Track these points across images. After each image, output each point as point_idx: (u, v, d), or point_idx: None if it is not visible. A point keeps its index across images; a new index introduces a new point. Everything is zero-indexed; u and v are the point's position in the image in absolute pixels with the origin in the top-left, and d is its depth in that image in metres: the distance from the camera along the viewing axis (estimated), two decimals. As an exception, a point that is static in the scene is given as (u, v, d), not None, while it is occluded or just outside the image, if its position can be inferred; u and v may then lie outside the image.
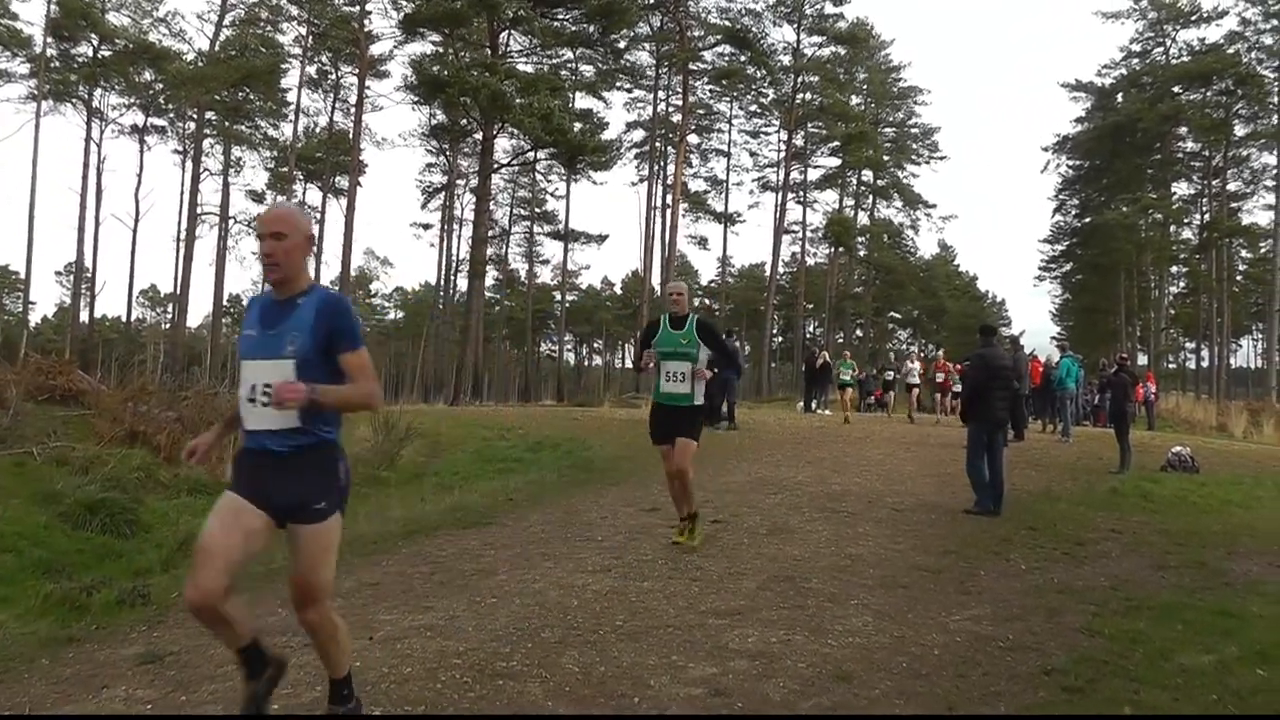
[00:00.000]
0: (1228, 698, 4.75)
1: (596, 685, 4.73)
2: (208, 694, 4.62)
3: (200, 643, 5.38)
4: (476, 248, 45.37)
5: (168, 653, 5.27)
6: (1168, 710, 4.62)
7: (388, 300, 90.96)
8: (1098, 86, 59.63)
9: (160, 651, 5.30)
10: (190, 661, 5.12)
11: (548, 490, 12.13)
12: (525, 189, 61.19)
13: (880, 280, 66.68)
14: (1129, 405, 15.53)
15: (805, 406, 28.11)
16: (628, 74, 52.80)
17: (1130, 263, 58.51)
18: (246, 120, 53.62)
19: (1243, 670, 5.26)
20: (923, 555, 8.24)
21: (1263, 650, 5.60)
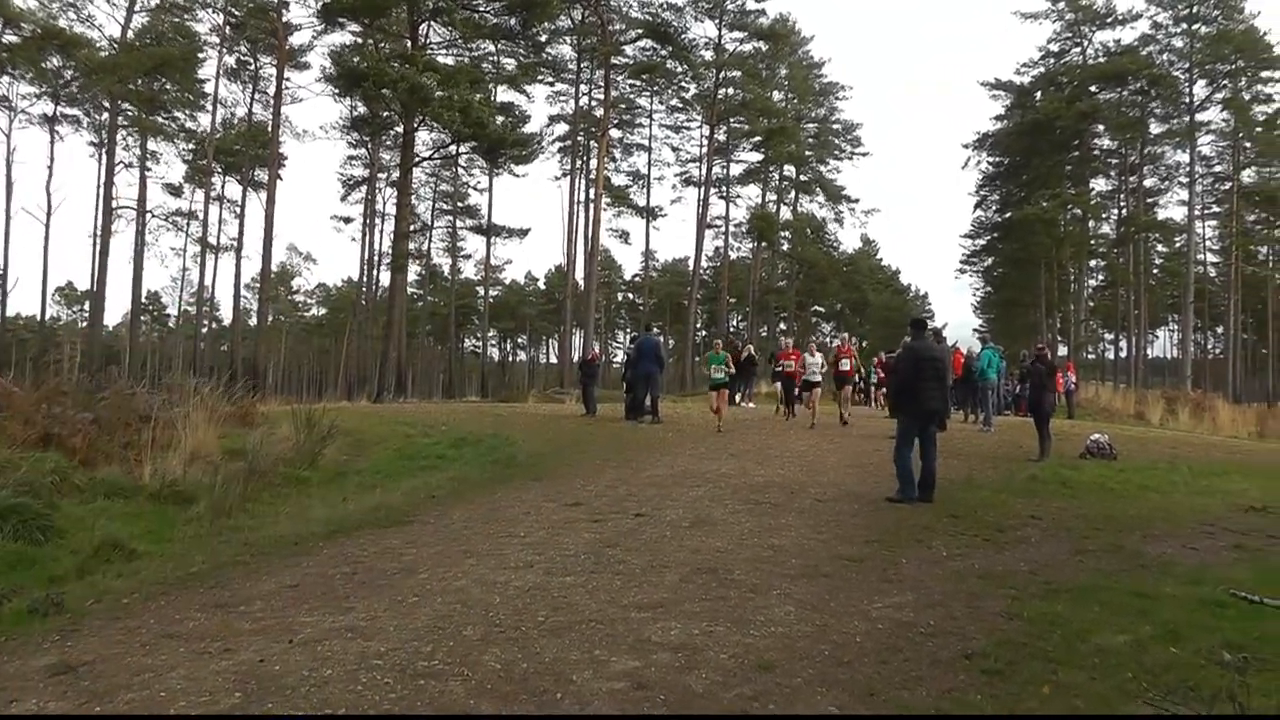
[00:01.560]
0: (1142, 675, 4.81)
1: (519, 682, 4.67)
2: (124, 704, 4.48)
3: (116, 651, 5.27)
4: (398, 242, 44.83)
5: (81, 662, 5.12)
6: (1085, 689, 4.66)
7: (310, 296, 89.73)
8: (1017, 85, 60.83)
9: (74, 661, 5.15)
10: (105, 671, 4.96)
11: (470, 487, 12.00)
12: (447, 182, 60.78)
13: (803, 274, 67.34)
14: (1047, 395, 15.75)
15: (731, 399, 28.16)
16: (549, 68, 52.58)
17: (1050, 257, 59.77)
18: (163, 111, 52.29)
19: (1156, 648, 5.34)
20: (845, 545, 8.26)
21: (1175, 629, 5.71)
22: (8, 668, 5.13)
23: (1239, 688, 3.95)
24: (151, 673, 4.87)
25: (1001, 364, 22.35)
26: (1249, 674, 4.22)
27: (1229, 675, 4.20)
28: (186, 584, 7.09)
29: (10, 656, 5.34)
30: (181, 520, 10.23)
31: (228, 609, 6.20)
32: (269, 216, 47.37)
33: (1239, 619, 5.98)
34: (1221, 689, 4.04)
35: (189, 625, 5.82)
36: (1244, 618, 6.01)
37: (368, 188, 55.60)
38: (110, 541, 8.59)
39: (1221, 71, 53.59)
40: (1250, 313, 65.26)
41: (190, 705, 4.39)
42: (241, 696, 4.49)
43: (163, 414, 14.02)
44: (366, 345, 54.65)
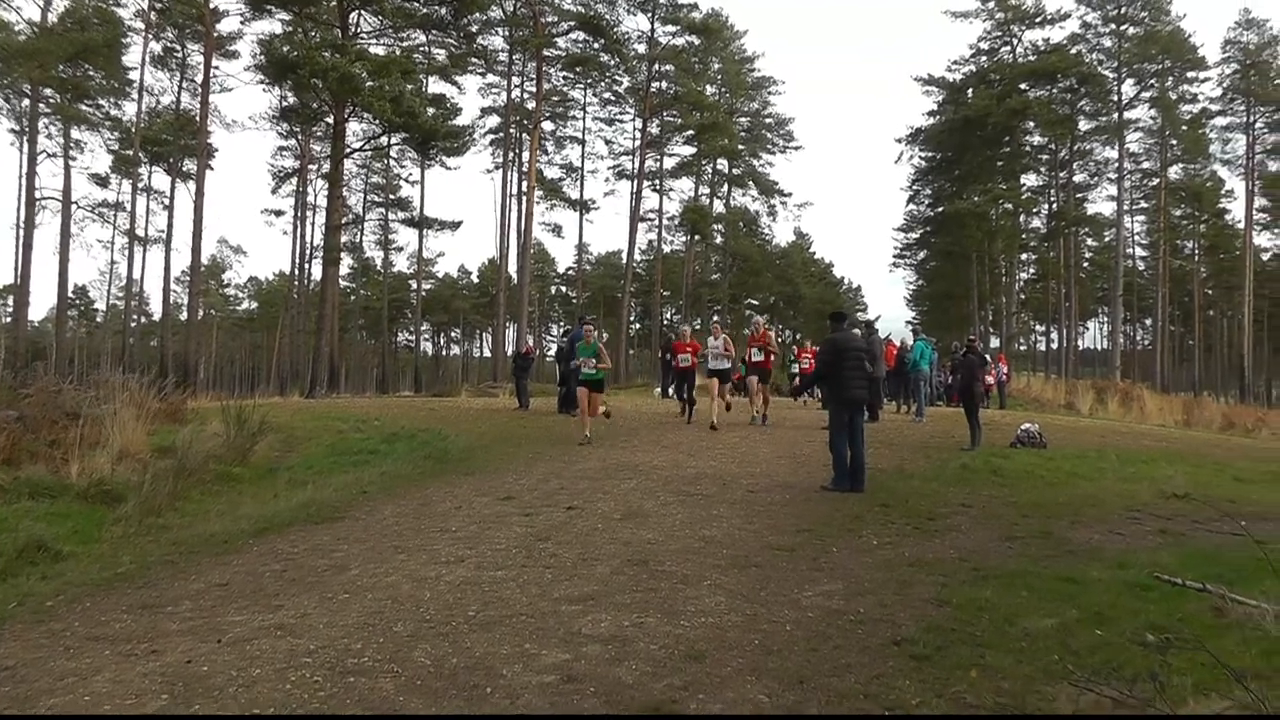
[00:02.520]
0: (1067, 657, 4.87)
1: (448, 677, 4.65)
2: (46, 708, 4.40)
3: (39, 655, 5.18)
4: (330, 235, 44.14)
5: (3, 667, 5.01)
6: (1012, 672, 4.68)
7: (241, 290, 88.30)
8: (949, 82, 61.51)
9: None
10: (28, 675, 4.86)
11: (402, 482, 11.91)
12: (379, 175, 60.08)
13: (737, 267, 67.59)
14: (977, 385, 15.93)
15: (663, 392, 28.19)
16: (481, 59, 52.02)
17: (982, 250, 60.67)
18: (87, 99, 50.85)
19: (1082, 631, 5.42)
20: (776, 535, 8.29)
21: (1101, 611, 5.79)
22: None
23: (1160, 667, 4.00)
24: (76, 676, 4.79)
25: (933, 355, 22.63)
26: (1169, 654, 4.28)
27: (1151, 656, 4.26)
28: (113, 585, 6.96)
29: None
30: (109, 520, 9.98)
31: (155, 609, 6.10)
32: (198, 208, 46.32)
33: (1162, 601, 6.09)
34: (1143, 669, 4.10)
35: (115, 627, 5.72)
36: (1167, 600, 6.11)
37: (299, 180, 54.81)
38: (35, 543, 8.38)
39: (1149, 71, 54.77)
40: (1177, 305, 66.76)
41: (116, 708, 4.31)
42: (169, 698, 4.43)
43: (90, 411, 13.72)
44: (299, 340, 53.94)
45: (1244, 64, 55.51)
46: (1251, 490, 12.54)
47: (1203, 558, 7.46)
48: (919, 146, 64.04)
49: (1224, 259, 63.51)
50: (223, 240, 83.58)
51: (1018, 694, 4.44)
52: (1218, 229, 62.89)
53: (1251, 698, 3.56)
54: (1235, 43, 56.41)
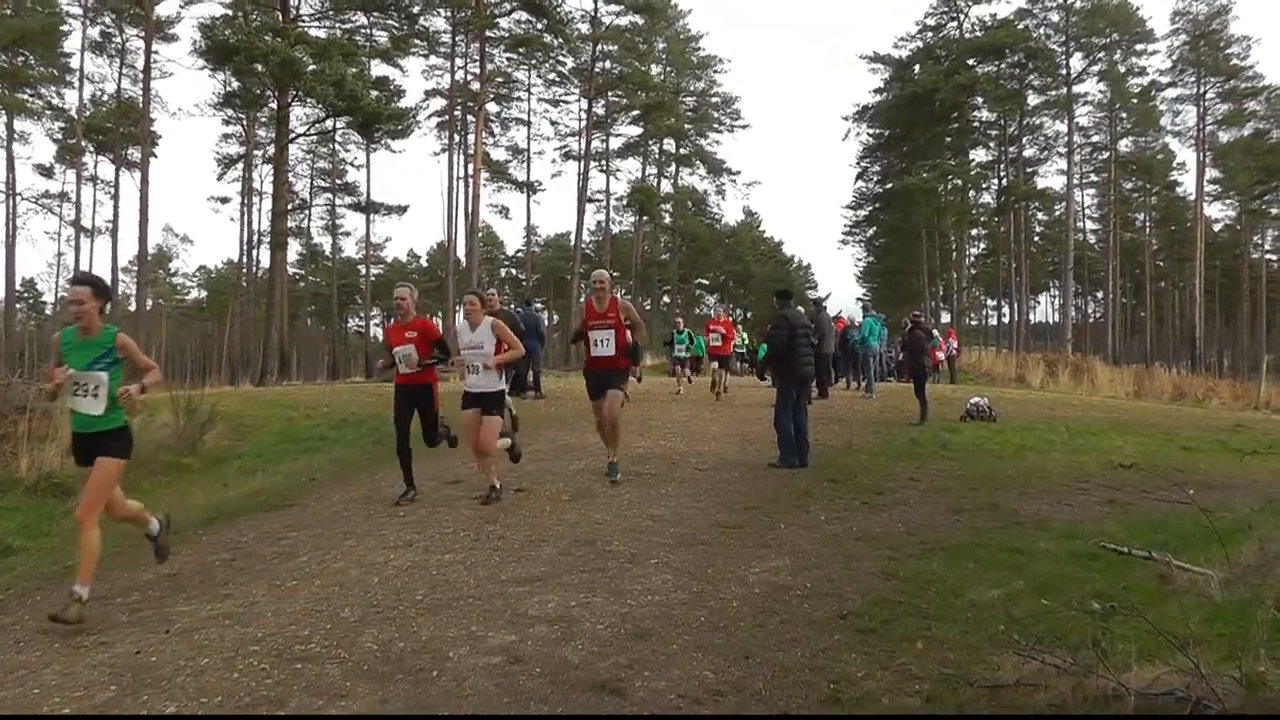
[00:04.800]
0: (1012, 627, 4.90)
1: (395, 662, 4.67)
2: None
3: None
4: (276, 221, 43.68)
5: None
6: (957, 643, 4.69)
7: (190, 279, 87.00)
8: (895, 59, 61.78)
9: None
10: None
11: (351, 468, 11.83)
12: (325, 159, 59.36)
13: (686, 247, 67.53)
14: (924, 360, 16.03)
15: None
16: (423, 40, 51.59)
17: (931, 226, 61.13)
18: (28, 87, 49.93)
19: (1027, 601, 5.48)
20: (724, 512, 8.32)
21: (1046, 581, 5.87)
22: None
23: (1103, 635, 4.02)
24: (25, 669, 4.78)
25: (883, 331, 22.72)
26: (1113, 621, 4.30)
27: (1095, 623, 4.27)
28: (63, 578, 6.84)
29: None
30: (60, 513, 10.00)
31: (105, 601, 6.07)
32: (143, 197, 45.66)
33: (1108, 570, 6.18)
34: (1088, 637, 4.11)
35: None
36: (1113, 568, 6.20)
37: (244, 166, 53.95)
38: (-8, 538, 8.29)
39: (1097, 44, 55.32)
40: (1129, 277, 67.57)
41: (64, 701, 4.30)
42: (117, 689, 4.42)
43: (39, 404, 13.49)
44: (249, 327, 53.23)
45: (1193, 35, 56.04)
46: (1199, 459, 12.75)
47: (1149, 526, 7.57)
48: (866, 124, 64.27)
49: (1175, 231, 64.23)
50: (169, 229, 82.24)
51: (963, 664, 4.48)
52: (1168, 201, 63.56)
53: (1191, 663, 3.57)
54: (1184, 14, 56.82)
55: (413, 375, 8.95)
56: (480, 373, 8.85)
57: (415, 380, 8.98)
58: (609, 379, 9.64)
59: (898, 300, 60.03)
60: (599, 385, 9.68)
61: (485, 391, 8.93)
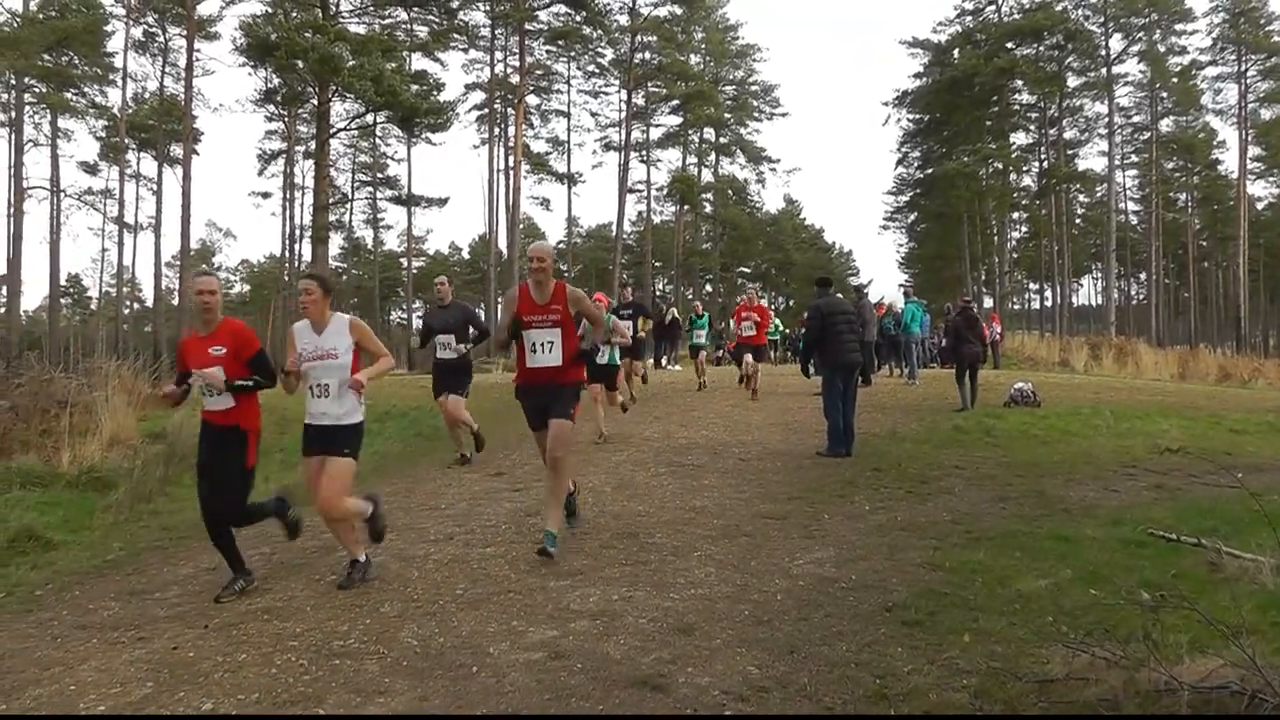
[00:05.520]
0: (1061, 618, 4.84)
1: (435, 657, 4.63)
2: (31, 699, 4.39)
3: (27, 645, 5.18)
4: (318, 215, 44.13)
5: None
6: (1005, 635, 4.63)
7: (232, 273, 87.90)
8: (934, 43, 61.13)
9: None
10: (14, 666, 4.85)
11: (392, 461, 11.87)
12: (365, 154, 59.69)
13: (727, 236, 67.25)
14: (966, 346, 15.85)
15: (655, 363, 28.11)
16: (463, 34, 51.71)
17: (972, 210, 60.48)
18: (72, 87, 50.63)
19: (1075, 591, 5.40)
20: (767, 503, 8.26)
21: (1094, 570, 5.77)
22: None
23: (1153, 626, 3.93)
24: (62, 666, 4.78)
25: (925, 318, 22.50)
26: (1163, 612, 4.21)
27: (1145, 614, 4.19)
28: (103, 572, 6.97)
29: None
30: (100, 507, 10.01)
31: (144, 596, 6.09)
32: (186, 193, 46.18)
33: (1157, 557, 6.07)
34: (1138, 628, 4.03)
35: (103, 614, 5.71)
36: (1161, 556, 6.10)
37: (285, 161, 54.42)
38: (26, 532, 8.42)
39: (1136, 25, 54.36)
40: (1171, 258, 66.52)
41: (101, 698, 4.29)
42: (154, 686, 4.41)
43: (82, 399, 13.65)
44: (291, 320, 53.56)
45: (1233, 12, 54.93)
46: (1247, 442, 12.53)
47: (1198, 512, 7.43)
48: (906, 109, 63.65)
49: (1218, 210, 63.04)
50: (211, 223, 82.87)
51: (1011, 657, 4.42)
52: (1211, 180, 62.37)
53: (1246, 655, 3.49)
54: (1223, -9, 55.79)
55: (220, 412, 6.13)
56: (331, 396, 6.07)
57: (221, 421, 6.14)
58: (554, 400, 6.67)
59: (939, 286, 59.49)
60: (538, 409, 6.82)
61: (336, 425, 6.07)
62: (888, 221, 70.16)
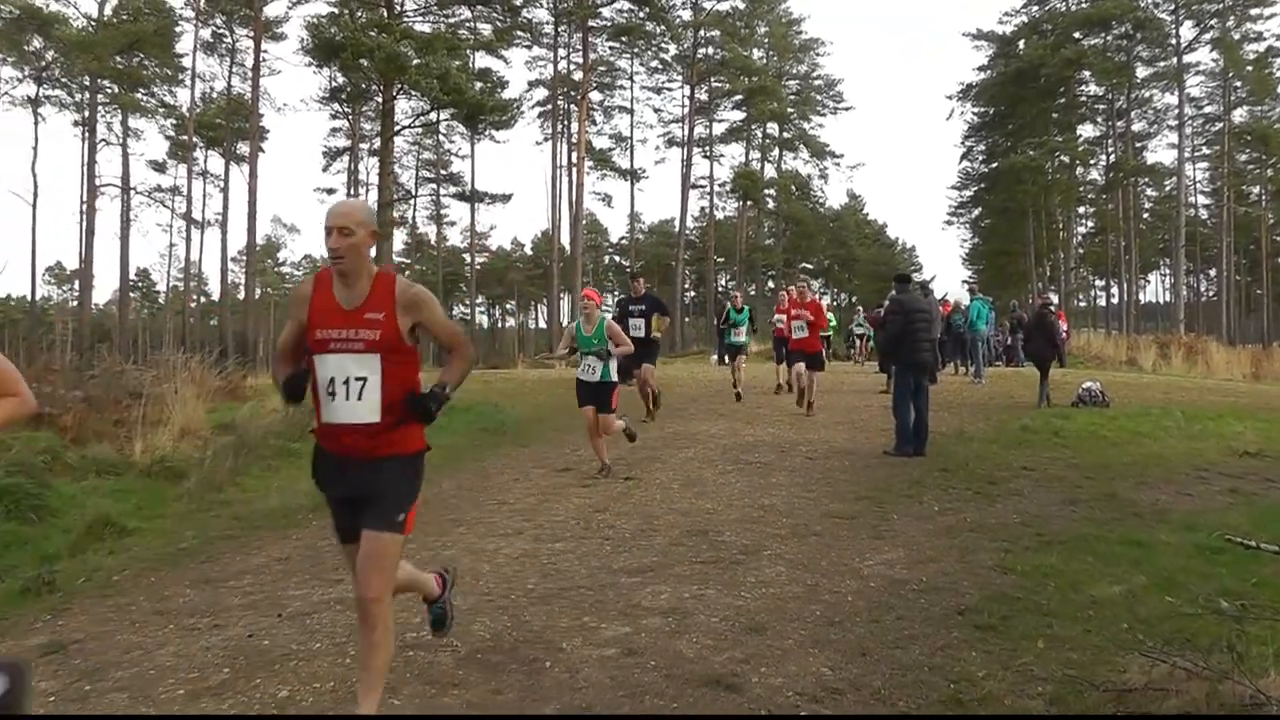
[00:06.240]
0: (1137, 626, 4.76)
1: (508, 651, 4.64)
2: (113, 682, 4.44)
3: (107, 629, 5.25)
4: (382, 211, 44.58)
5: (73, 641, 5.10)
6: (1079, 642, 4.59)
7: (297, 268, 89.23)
8: (999, 35, 60.22)
9: (65, 640, 5.13)
10: (96, 649, 4.93)
11: (460, 455, 11.91)
12: (429, 150, 60.22)
13: (790, 231, 66.88)
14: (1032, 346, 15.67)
15: (719, 359, 28.04)
16: (526, 32, 52.10)
17: (1038, 205, 59.48)
18: (142, 87, 51.85)
19: (1151, 598, 5.31)
20: (835, 502, 8.24)
21: (1170, 577, 5.68)
22: (1, 647, 5.07)
23: (1237, 637, 3.88)
24: (141, 650, 4.85)
25: (991, 314, 22.23)
26: (1246, 622, 4.15)
27: (1227, 624, 4.13)
28: (177, 560, 7.06)
29: (4, 636, 5.31)
30: (172, 496, 10.15)
31: (217, 584, 6.18)
32: (252, 190, 47.23)
33: (1235, 565, 5.94)
34: (1220, 638, 3.98)
35: (179, 601, 5.80)
36: (1240, 563, 5.95)
37: (350, 158, 55.15)
38: (102, 519, 8.56)
39: (1208, 11, 53.02)
40: (1243, 254, 64.95)
41: (179, 682, 4.36)
42: (230, 672, 4.46)
43: (152, 390, 13.93)
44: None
45: (1315, -5, 53.28)
46: (1326, 445, 12.23)
47: (1277, 517, 7.30)
48: (971, 102, 62.88)
49: (1293, 203, 61.51)
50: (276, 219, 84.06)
51: (1086, 665, 4.34)
52: (1286, 172, 60.79)
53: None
54: (1302, -27, 54.04)
55: None
56: None
57: None
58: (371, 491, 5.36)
59: (1004, 282, 58.77)
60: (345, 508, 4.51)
61: None
62: (951, 217, 69.36)
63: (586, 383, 9.62)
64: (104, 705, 4.17)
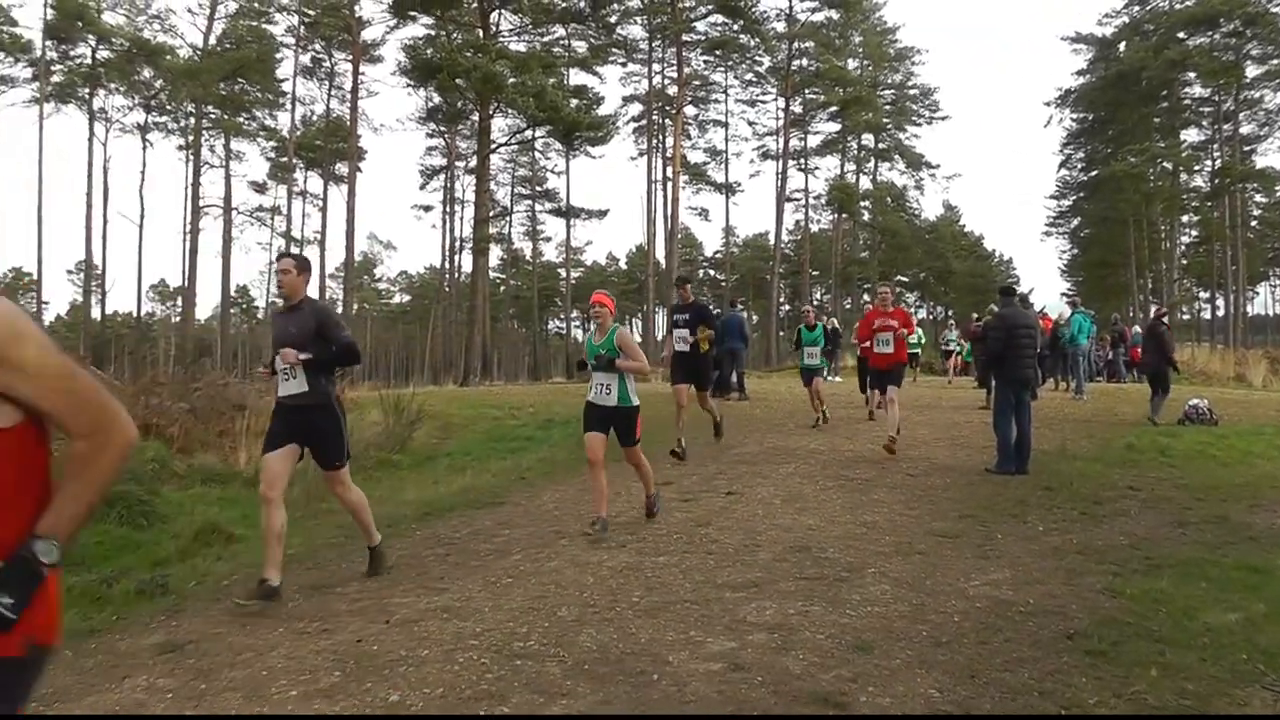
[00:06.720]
0: (1256, 656, 4.65)
1: (615, 663, 4.68)
2: (226, 681, 4.62)
3: (219, 630, 5.45)
4: (479, 227, 45.45)
5: (187, 641, 5.30)
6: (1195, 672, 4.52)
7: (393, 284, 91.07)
8: (1099, 37, 58.90)
9: (180, 640, 5.33)
10: (209, 650, 5.13)
11: (559, 468, 12.04)
12: (525, 167, 61.07)
13: (885, 244, 66.25)
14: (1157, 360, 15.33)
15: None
16: (621, 48, 52.69)
17: (1139, 214, 57.85)
18: (244, 112, 53.69)
19: (1271, 627, 5.16)
20: (938, 520, 8.17)
21: (1290, 605, 5.50)
22: (120, 645, 5.33)
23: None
24: (253, 652, 5.04)
25: (1092, 328, 21.77)
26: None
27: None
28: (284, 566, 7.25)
29: (122, 635, 5.56)
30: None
31: (325, 590, 6.37)
32: (350, 208, 48.74)
33: (1361, 595, 5.72)
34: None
35: (288, 606, 5.98)
36: (1367, 593, 5.75)
37: (446, 176, 56.23)
38: (209, 526, 8.89)
39: (1326, 4, 50.95)
40: (1359, 263, 62.61)
41: (291, 683, 4.50)
42: (341, 675, 4.59)
43: (255, 402, 14.36)
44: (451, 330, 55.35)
45: None
46: None
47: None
48: (1069, 108, 61.59)
49: None
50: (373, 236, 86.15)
51: (1203, 696, 4.25)
52: None
53: None
54: None
55: None
56: None
57: None
58: None
59: (1104, 294, 57.40)
60: None
61: None
62: (1050, 227, 68.01)
63: (599, 406, 7.89)
64: (219, 704, 4.33)
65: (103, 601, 6.33)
